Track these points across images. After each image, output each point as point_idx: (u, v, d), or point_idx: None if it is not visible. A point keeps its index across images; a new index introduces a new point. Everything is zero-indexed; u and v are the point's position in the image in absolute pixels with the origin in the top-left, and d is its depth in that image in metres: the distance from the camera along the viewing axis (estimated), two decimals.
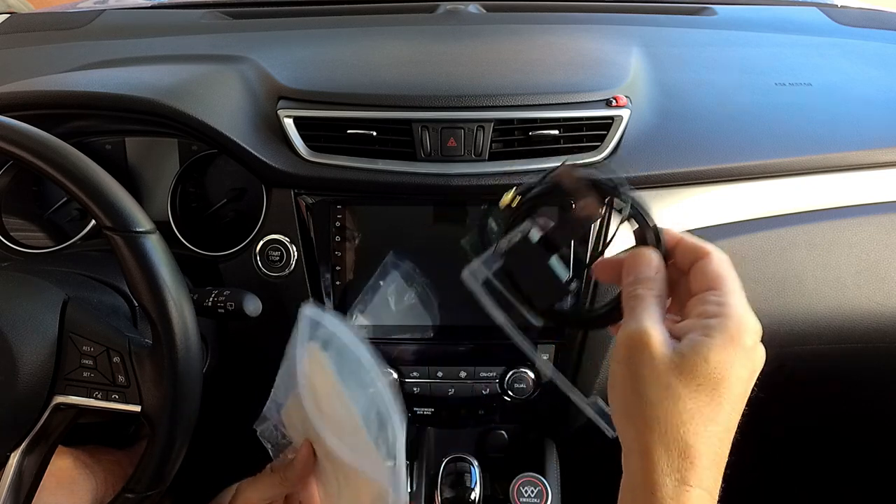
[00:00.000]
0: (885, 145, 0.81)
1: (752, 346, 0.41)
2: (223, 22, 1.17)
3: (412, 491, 0.86)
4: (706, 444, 0.40)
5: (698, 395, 0.40)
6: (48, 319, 0.58)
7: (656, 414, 0.40)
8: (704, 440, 0.40)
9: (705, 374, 0.40)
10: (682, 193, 0.78)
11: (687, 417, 0.40)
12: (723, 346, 0.40)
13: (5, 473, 0.57)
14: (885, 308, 0.81)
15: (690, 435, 0.40)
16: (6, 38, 1.12)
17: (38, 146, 0.56)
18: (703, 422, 0.40)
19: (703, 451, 0.40)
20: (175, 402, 0.57)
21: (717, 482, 0.41)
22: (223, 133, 0.76)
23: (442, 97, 0.76)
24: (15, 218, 0.87)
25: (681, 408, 0.40)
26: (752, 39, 1.08)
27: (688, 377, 0.40)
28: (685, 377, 0.40)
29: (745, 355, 0.41)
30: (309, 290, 0.78)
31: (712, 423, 0.40)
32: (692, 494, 0.39)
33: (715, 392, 0.40)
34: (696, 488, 0.39)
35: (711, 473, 0.40)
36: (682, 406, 0.40)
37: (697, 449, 0.40)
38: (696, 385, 0.40)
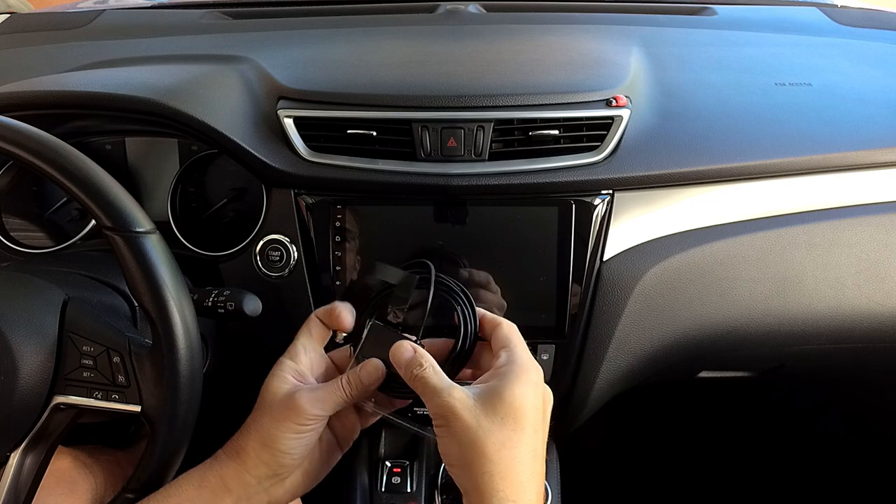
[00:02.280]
0: (885, 145, 0.81)
1: (536, 381, 0.53)
2: (223, 22, 1.17)
3: (412, 491, 0.86)
4: (520, 464, 0.49)
5: (503, 426, 0.49)
6: (48, 319, 0.58)
7: (476, 452, 0.49)
8: (518, 462, 0.49)
9: (504, 409, 0.50)
10: (683, 193, 0.79)
11: (498, 446, 0.49)
12: (513, 384, 0.51)
13: (5, 473, 0.57)
14: (885, 308, 0.81)
15: (505, 459, 0.49)
16: (6, 38, 1.12)
17: (38, 146, 0.56)
18: (511, 446, 0.49)
19: (519, 470, 0.49)
20: (175, 402, 0.57)
21: (538, 493, 0.51)
22: (223, 133, 0.76)
23: (442, 97, 0.76)
24: (15, 218, 0.87)
25: (493, 440, 0.49)
26: (752, 39, 1.08)
27: (491, 414, 0.50)
28: (489, 415, 0.50)
29: (532, 389, 0.52)
30: (309, 290, 0.78)
31: (521, 445, 0.50)
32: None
33: (516, 422, 0.50)
34: (520, 502, 0.49)
35: (532, 487, 0.50)
36: (493, 438, 0.49)
37: (515, 470, 0.49)
38: (500, 419, 0.50)
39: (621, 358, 0.79)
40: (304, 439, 0.56)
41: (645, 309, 0.77)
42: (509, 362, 0.53)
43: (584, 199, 0.75)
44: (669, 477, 1.50)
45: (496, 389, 0.51)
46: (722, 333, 0.80)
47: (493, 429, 0.49)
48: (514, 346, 0.55)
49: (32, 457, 0.59)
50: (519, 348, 0.55)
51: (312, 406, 0.55)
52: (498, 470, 0.48)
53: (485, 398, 0.51)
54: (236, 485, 0.55)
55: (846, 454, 1.41)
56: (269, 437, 0.55)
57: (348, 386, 0.57)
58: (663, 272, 0.77)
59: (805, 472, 1.45)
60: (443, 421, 0.51)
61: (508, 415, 0.50)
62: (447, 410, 0.51)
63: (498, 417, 0.50)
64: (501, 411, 0.50)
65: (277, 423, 0.55)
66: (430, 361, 0.55)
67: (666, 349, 0.80)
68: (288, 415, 0.55)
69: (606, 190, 0.76)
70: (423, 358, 0.55)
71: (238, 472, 0.56)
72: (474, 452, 0.49)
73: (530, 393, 0.51)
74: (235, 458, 0.56)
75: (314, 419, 0.56)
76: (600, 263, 0.76)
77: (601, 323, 0.77)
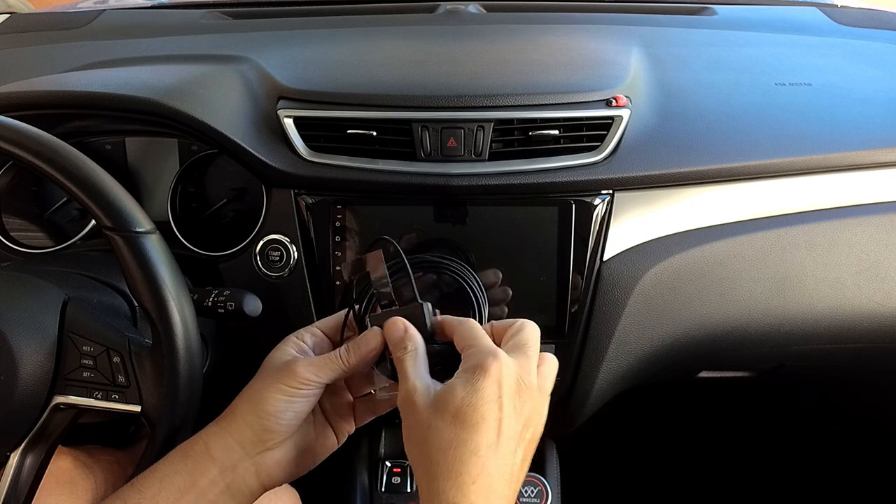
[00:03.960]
0: (885, 145, 0.81)
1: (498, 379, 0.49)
2: (223, 22, 1.17)
3: (412, 491, 0.86)
4: (465, 466, 0.47)
5: (455, 425, 0.47)
6: (48, 319, 0.58)
7: (428, 450, 0.48)
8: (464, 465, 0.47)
9: (456, 407, 0.48)
10: (683, 193, 0.79)
11: (446, 446, 0.47)
12: (466, 381, 0.49)
13: (5, 473, 0.57)
14: (885, 308, 0.81)
15: (452, 461, 0.47)
16: (6, 38, 1.12)
17: (38, 146, 0.56)
18: (459, 447, 0.47)
19: (464, 472, 0.47)
20: (175, 402, 0.57)
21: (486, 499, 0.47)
22: (223, 133, 0.76)
23: (442, 97, 0.76)
24: (15, 218, 0.87)
25: (442, 439, 0.47)
26: (752, 39, 1.08)
27: (443, 413, 0.48)
28: (441, 413, 0.48)
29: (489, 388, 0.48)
30: (309, 290, 0.78)
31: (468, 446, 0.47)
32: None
33: (465, 423, 0.47)
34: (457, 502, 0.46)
35: (477, 492, 0.47)
36: (443, 437, 0.47)
37: (460, 472, 0.47)
38: (451, 417, 0.48)
39: (621, 358, 0.79)
40: (293, 404, 0.54)
41: (645, 309, 0.77)
42: (466, 358, 0.51)
43: (584, 199, 0.75)
44: (669, 477, 1.50)
45: (450, 387, 0.49)
46: (722, 333, 0.80)
47: (441, 427, 0.48)
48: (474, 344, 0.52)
49: (32, 457, 0.59)
50: (480, 346, 0.51)
51: (306, 370, 0.54)
52: (443, 471, 0.47)
53: (440, 396, 0.49)
54: (220, 451, 0.53)
55: (846, 454, 1.41)
56: (257, 398, 0.54)
57: (346, 353, 0.56)
58: (663, 272, 0.77)
59: (805, 472, 1.45)
60: (402, 413, 0.51)
61: (458, 414, 0.48)
62: (406, 402, 0.50)
63: (449, 416, 0.48)
64: (453, 410, 0.48)
65: (268, 384, 0.54)
66: (415, 345, 0.53)
67: (666, 349, 0.80)
68: (279, 377, 0.54)
69: (606, 190, 0.76)
70: (411, 340, 0.53)
71: (222, 438, 0.54)
72: (424, 449, 0.48)
73: (486, 391, 0.48)
74: (221, 422, 0.55)
75: (306, 383, 0.54)
76: (600, 263, 0.76)
77: (601, 323, 0.77)
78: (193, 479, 0.53)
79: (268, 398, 0.53)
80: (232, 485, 0.54)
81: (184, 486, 0.52)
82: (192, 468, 0.53)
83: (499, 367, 0.49)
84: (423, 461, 0.48)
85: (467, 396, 0.48)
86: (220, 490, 0.53)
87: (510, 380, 0.49)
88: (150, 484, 0.53)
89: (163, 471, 0.53)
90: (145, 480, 0.53)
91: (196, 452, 0.54)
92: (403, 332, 0.54)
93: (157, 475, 0.53)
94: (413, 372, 0.51)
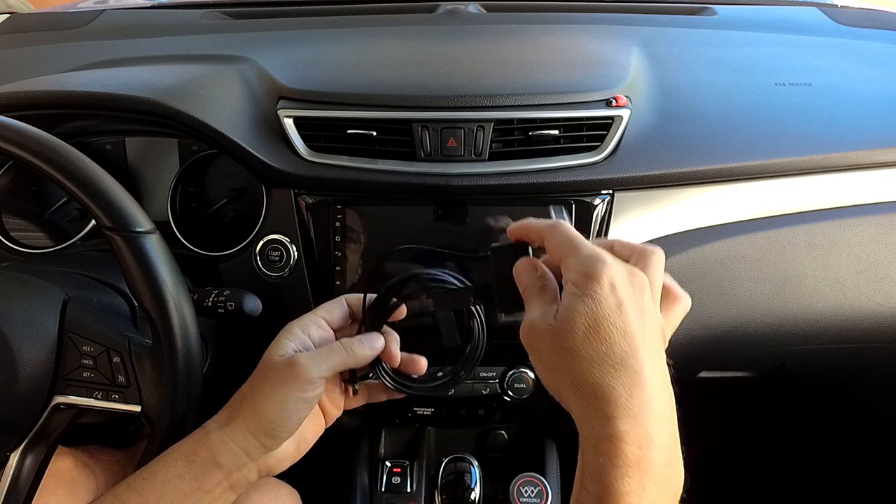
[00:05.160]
0: (885, 145, 0.81)
1: (608, 284, 0.45)
2: (223, 22, 1.17)
3: (412, 491, 0.86)
4: (614, 380, 0.43)
5: (587, 343, 0.44)
6: (48, 319, 0.58)
7: (565, 376, 0.45)
8: (611, 378, 0.43)
9: (580, 325, 0.44)
10: (683, 193, 0.78)
11: (587, 366, 0.44)
12: (581, 296, 0.45)
13: (5, 473, 0.57)
14: (885, 308, 0.81)
15: (597, 378, 0.43)
16: (6, 38, 1.12)
17: (38, 146, 0.56)
18: (598, 362, 0.44)
19: (614, 385, 0.43)
20: (175, 403, 0.57)
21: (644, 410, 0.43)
22: (223, 133, 0.76)
23: (442, 97, 0.76)
24: (15, 218, 0.87)
25: (579, 360, 0.44)
26: (752, 39, 1.08)
27: (570, 334, 0.44)
28: (568, 335, 0.44)
29: (604, 295, 0.44)
30: (309, 290, 0.78)
31: (608, 358, 0.43)
32: (615, 425, 0.42)
33: (597, 333, 0.44)
34: (619, 419, 0.42)
35: (632, 402, 0.43)
36: (579, 359, 0.44)
37: (608, 386, 0.43)
38: (582, 336, 0.44)
39: None
40: (299, 413, 0.53)
41: None
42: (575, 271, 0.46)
43: (584, 199, 0.75)
44: None
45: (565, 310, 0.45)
46: (722, 333, 0.80)
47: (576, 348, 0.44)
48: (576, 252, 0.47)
49: (32, 457, 0.59)
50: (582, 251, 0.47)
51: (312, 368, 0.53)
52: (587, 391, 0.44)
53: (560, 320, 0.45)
54: (226, 458, 0.53)
55: (846, 454, 1.41)
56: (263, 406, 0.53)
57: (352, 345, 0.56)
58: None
59: (805, 472, 1.45)
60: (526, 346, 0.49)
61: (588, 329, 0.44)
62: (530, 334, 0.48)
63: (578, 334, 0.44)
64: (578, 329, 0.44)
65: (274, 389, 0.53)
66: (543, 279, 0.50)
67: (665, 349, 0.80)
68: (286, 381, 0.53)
69: (606, 190, 0.76)
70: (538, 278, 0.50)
71: (227, 445, 0.53)
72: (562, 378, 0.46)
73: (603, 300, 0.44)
74: (226, 430, 0.54)
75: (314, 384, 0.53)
76: None
77: None
78: (199, 484, 0.53)
79: (272, 406, 0.53)
80: (235, 484, 0.55)
81: (188, 489, 0.53)
82: (198, 474, 0.53)
83: (609, 272, 0.45)
84: (564, 385, 0.45)
85: (590, 315, 0.44)
86: (224, 489, 0.54)
87: (624, 283, 0.45)
88: (150, 488, 0.53)
89: (164, 475, 0.53)
90: (145, 483, 0.53)
91: (201, 459, 0.54)
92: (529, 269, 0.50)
93: (157, 479, 0.53)
94: (535, 305, 0.48)
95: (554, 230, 0.49)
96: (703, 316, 0.79)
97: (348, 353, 0.56)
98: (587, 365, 0.44)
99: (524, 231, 0.52)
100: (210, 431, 0.55)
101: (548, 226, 0.50)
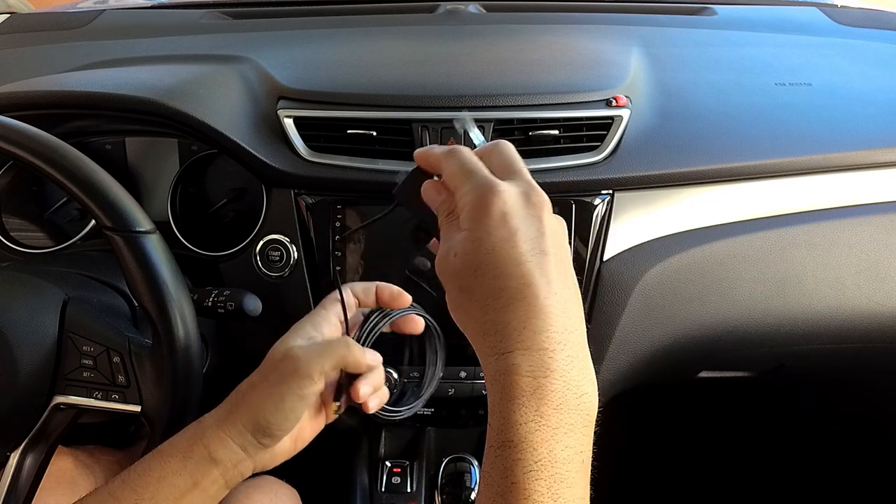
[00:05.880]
0: (885, 145, 0.81)
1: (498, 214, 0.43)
2: (223, 22, 1.17)
3: (412, 491, 0.86)
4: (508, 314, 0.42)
5: (480, 280, 0.43)
6: (48, 319, 0.58)
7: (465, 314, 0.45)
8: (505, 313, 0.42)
9: (470, 263, 0.43)
10: (682, 193, 0.79)
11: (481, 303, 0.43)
12: (469, 231, 0.44)
13: (5, 473, 0.57)
14: (885, 308, 0.81)
15: (491, 315, 0.42)
16: (6, 38, 1.12)
17: (38, 146, 0.56)
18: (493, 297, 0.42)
19: (508, 321, 0.42)
20: (175, 403, 0.57)
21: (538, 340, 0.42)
22: (223, 133, 0.76)
23: (442, 97, 0.76)
24: (15, 218, 0.87)
25: (473, 298, 0.43)
26: (752, 39, 1.08)
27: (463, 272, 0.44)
28: (462, 274, 0.44)
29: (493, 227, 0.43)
30: (309, 290, 0.78)
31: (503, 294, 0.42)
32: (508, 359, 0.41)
33: (488, 268, 0.43)
34: (512, 353, 0.41)
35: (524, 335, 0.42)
36: (473, 297, 0.43)
37: (501, 322, 0.42)
38: (472, 273, 0.43)
39: (621, 358, 0.79)
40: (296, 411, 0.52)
41: (645, 309, 0.77)
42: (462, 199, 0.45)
43: (584, 199, 0.75)
44: (669, 477, 1.50)
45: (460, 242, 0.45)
46: (722, 333, 0.80)
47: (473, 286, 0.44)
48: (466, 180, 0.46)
49: (32, 457, 0.59)
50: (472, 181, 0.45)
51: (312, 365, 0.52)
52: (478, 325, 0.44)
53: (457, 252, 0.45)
54: (223, 454, 0.52)
55: (846, 454, 1.41)
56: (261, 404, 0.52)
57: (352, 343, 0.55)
58: (663, 272, 0.77)
59: (805, 472, 1.45)
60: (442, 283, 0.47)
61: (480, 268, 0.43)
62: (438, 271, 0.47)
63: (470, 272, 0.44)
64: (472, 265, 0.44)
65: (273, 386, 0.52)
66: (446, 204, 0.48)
67: (666, 349, 0.80)
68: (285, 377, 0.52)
69: (606, 190, 0.76)
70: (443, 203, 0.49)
71: (223, 441, 0.52)
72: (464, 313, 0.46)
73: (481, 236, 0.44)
74: (223, 426, 0.53)
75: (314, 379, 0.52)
76: (600, 263, 0.76)
77: (601, 323, 0.77)
78: (195, 480, 0.52)
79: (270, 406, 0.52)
80: (231, 480, 0.54)
81: (185, 486, 0.52)
82: (194, 470, 0.53)
83: (499, 201, 0.43)
84: (470, 326, 0.45)
85: (478, 247, 0.43)
86: (219, 486, 0.54)
87: (518, 208, 0.44)
88: (146, 484, 0.52)
89: (160, 472, 0.53)
90: (140, 480, 0.53)
91: (197, 455, 0.53)
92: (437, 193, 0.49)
93: (153, 475, 0.53)
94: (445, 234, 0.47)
95: (448, 158, 0.47)
96: (703, 316, 0.79)
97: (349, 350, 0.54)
98: (482, 302, 0.43)
99: (425, 160, 0.51)
100: (206, 427, 0.54)
101: (443, 153, 0.48)
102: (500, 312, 0.42)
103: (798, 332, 0.81)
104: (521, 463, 0.39)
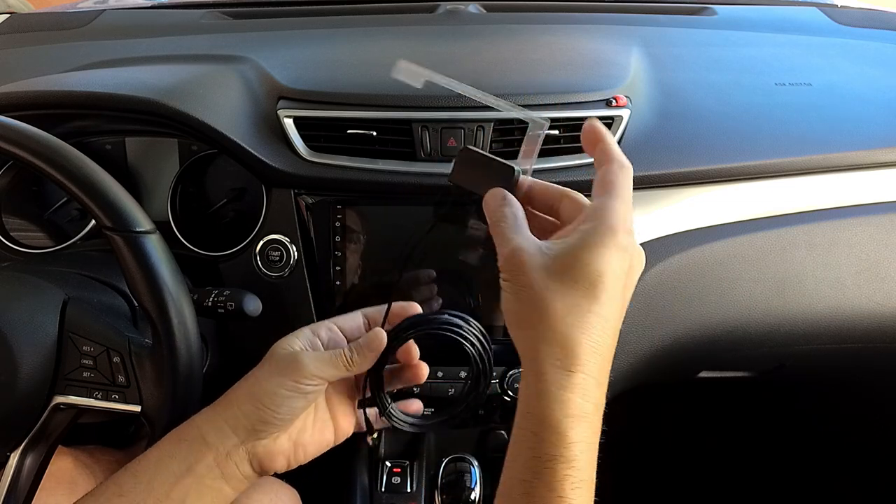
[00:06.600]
0: (885, 145, 0.81)
1: (625, 246, 0.45)
2: (223, 22, 1.17)
3: (412, 491, 0.86)
4: (585, 334, 0.44)
5: (575, 291, 0.44)
6: (48, 319, 0.58)
7: (537, 313, 0.44)
8: (583, 330, 0.44)
9: (578, 273, 0.44)
10: (682, 193, 0.79)
11: (565, 311, 0.44)
12: (595, 247, 0.44)
13: (5, 473, 0.57)
14: (885, 308, 0.81)
15: (569, 327, 0.44)
16: (6, 38, 1.12)
17: (38, 146, 0.56)
18: (580, 314, 0.44)
19: (582, 340, 0.44)
20: (175, 402, 0.57)
21: (601, 369, 0.45)
22: (223, 133, 0.76)
23: (442, 97, 0.76)
24: (15, 218, 0.87)
25: (559, 304, 0.44)
26: (752, 39, 1.08)
27: (563, 276, 0.44)
28: (561, 276, 0.44)
29: (617, 255, 0.45)
30: (309, 290, 0.78)
31: (590, 314, 0.44)
32: (574, 379, 0.43)
33: (592, 288, 0.44)
34: (579, 373, 0.43)
35: (595, 360, 0.44)
36: (560, 302, 0.44)
37: (576, 339, 0.43)
38: (572, 282, 0.44)
39: (621, 358, 0.79)
40: (292, 399, 0.53)
41: (645, 309, 0.77)
42: (596, 219, 0.45)
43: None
44: (669, 477, 1.50)
45: (573, 250, 0.45)
46: (722, 333, 0.80)
47: (561, 291, 0.44)
48: (610, 197, 0.46)
49: (32, 457, 0.59)
50: (614, 202, 0.46)
51: (311, 365, 0.53)
52: (557, 337, 0.43)
53: (559, 258, 0.45)
54: (214, 437, 0.53)
55: (846, 454, 1.41)
56: (257, 388, 0.53)
57: (349, 352, 0.56)
58: (663, 272, 0.77)
59: (805, 472, 1.45)
60: (508, 275, 0.47)
61: (582, 279, 0.44)
62: (515, 264, 0.46)
63: (570, 280, 0.44)
64: (575, 275, 0.44)
65: (270, 374, 0.54)
66: (514, 212, 0.50)
67: (666, 349, 0.80)
68: (283, 369, 0.53)
69: None
70: (511, 206, 0.50)
71: (216, 423, 0.53)
72: (536, 313, 0.44)
73: (615, 258, 0.44)
74: (217, 407, 0.54)
75: (309, 379, 0.53)
76: None
77: None
78: (189, 465, 0.52)
79: (267, 390, 0.53)
80: (226, 471, 0.54)
81: (179, 471, 0.52)
82: (187, 453, 0.53)
83: (628, 236, 0.45)
84: (535, 324, 0.45)
85: (594, 264, 0.44)
86: (216, 476, 0.53)
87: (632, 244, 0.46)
88: (144, 468, 0.52)
89: (156, 455, 0.53)
90: (139, 465, 0.53)
91: (190, 437, 0.53)
92: (503, 200, 0.51)
93: (150, 459, 0.53)
94: (519, 232, 0.48)
95: (625, 170, 0.49)
96: (703, 316, 0.79)
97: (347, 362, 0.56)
98: (559, 312, 0.44)
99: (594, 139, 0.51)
100: (202, 413, 0.55)
101: (619, 164, 0.49)
102: (574, 330, 0.44)
103: (798, 332, 0.81)
104: (569, 479, 0.42)
